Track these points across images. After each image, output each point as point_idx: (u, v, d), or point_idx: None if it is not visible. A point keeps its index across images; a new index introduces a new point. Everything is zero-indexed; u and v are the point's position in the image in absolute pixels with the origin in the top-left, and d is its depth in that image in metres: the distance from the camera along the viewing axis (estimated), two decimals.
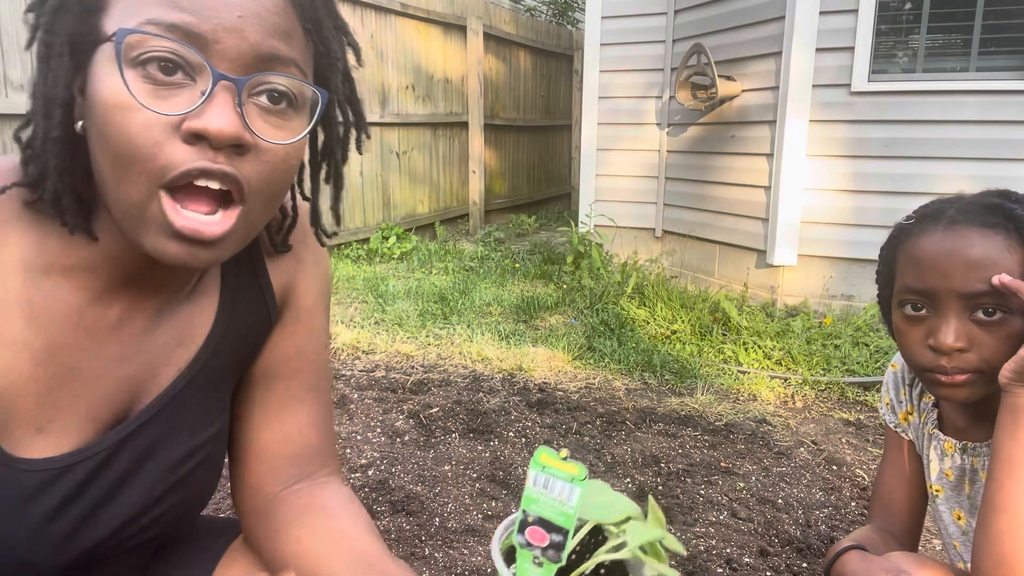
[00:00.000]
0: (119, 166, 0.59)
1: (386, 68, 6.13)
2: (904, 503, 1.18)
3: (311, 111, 0.67)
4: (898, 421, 1.19)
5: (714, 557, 1.89)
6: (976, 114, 3.80)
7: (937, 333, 0.94)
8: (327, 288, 0.91)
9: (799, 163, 4.13)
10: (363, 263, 5.57)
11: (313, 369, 0.88)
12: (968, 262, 0.92)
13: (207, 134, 0.58)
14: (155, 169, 0.59)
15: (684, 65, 4.64)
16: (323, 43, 0.66)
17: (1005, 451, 0.90)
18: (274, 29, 0.61)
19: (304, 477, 0.87)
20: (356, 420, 2.70)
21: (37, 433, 0.68)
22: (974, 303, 0.93)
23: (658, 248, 5.31)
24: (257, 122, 0.62)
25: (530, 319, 4.10)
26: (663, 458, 2.45)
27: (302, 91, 0.65)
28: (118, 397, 0.73)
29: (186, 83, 0.59)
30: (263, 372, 0.86)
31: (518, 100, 8.34)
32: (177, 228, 0.60)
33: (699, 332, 3.75)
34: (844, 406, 2.97)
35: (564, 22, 11.27)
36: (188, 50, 0.58)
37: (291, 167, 0.66)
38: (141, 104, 0.58)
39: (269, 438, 0.86)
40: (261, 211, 0.66)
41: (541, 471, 0.60)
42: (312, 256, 0.88)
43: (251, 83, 0.61)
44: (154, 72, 0.58)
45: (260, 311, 0.83)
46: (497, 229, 7.19)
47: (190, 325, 0.77)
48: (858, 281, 4.12)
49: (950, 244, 0.94)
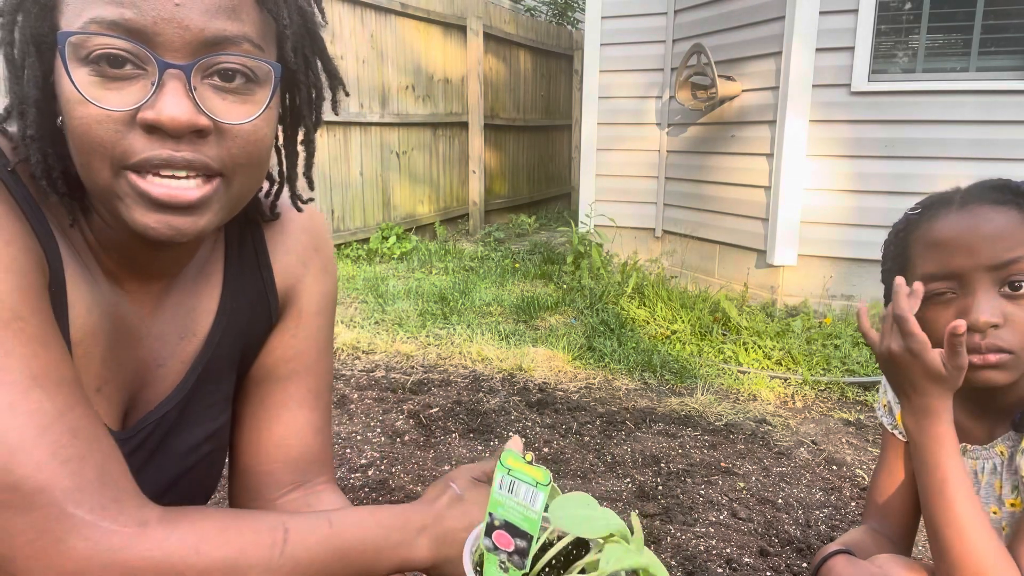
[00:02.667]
0: (83, 154, 0.62)
1: (386, 68, 6.13)
2: (899, 505, 1.18)
3: (276, 82, 0.67)
4: (895, 422, 1.19)
5: (714, 557, 1.89)
6: (976, 114, 3.80)
7: (969, 312, 0.92)
8: (333, 296, 0.92)
9: (799, 163, 4.13)
10: (363, 263, 5.57)
11: (313, 374, 0.89)
12: (991, 235, 0.91)
13: (160, 124, 0.60)
14: (116, 155, 0.61)
15: (684, 65, 4.64)
16: (275, 9, 0.66)
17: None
18: (217, 8, 0.61)
19: (300, 484, 0.87)
20: (356, 420, 2.70)
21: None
22: (1003, 275, 0.91)
23: (658, 248, 5.31)
24: (215, 103, 0.63)
25: (530, 319, 4.10)
26: (663, 458, 2.45)
27: (258, 65, 0.65)
28: (130, 381, 0.74)
29: (138, 73, 0.61)
30: (263, 373, 0.87)
31: (518, 100, 8.34)
32: (154, 196, 0.62)
33: (699, 332, 3.75)
34: (844, 406, 2.97)
35: (564, 22, 11.27)
36: (132, 44, 0.60)
37: (263, 138, 0.67)
38: (90, 101, 0.59)
39: (267, 440, 0.86)
40: (243, 183, 0.68)
41: (507, 474, 0.59)
42: (321, 263, 0.89)
43: (200, 66, 0.62)
44: (104, 67, 0.60)
45: (261, 308, 0.84)
46: (497, 229, 7.19)
47: (194, 316, 0.79)
48: (858, 281, 4.12)
49: (968, 222, 0.93)
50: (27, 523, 0.55)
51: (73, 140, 0.62)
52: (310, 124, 0.77)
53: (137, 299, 0.74)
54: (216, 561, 0.62)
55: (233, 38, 0.62)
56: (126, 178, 0.62)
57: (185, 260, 0.77)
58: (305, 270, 0.87)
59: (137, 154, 0.61)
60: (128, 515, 0.59)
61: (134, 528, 0.59)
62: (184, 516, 0.63)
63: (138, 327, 0.74)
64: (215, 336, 0.80)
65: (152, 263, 0.73)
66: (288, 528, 0.66)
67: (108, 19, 0.59)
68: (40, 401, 0.58)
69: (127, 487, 0.61)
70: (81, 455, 0.58)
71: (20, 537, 0.55)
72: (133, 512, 0.60)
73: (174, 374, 0.78)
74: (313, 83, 0.75)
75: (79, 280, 0.67)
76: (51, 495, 0.56)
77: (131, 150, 0.61)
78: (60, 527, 0.56)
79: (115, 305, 0.72)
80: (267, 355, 0.87)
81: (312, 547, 0.67)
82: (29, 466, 0.56)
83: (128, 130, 0.61)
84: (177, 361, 0.78)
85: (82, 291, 0.67)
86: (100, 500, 0.58)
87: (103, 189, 0.63)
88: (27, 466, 0.56)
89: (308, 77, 0.74)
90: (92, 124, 0.60)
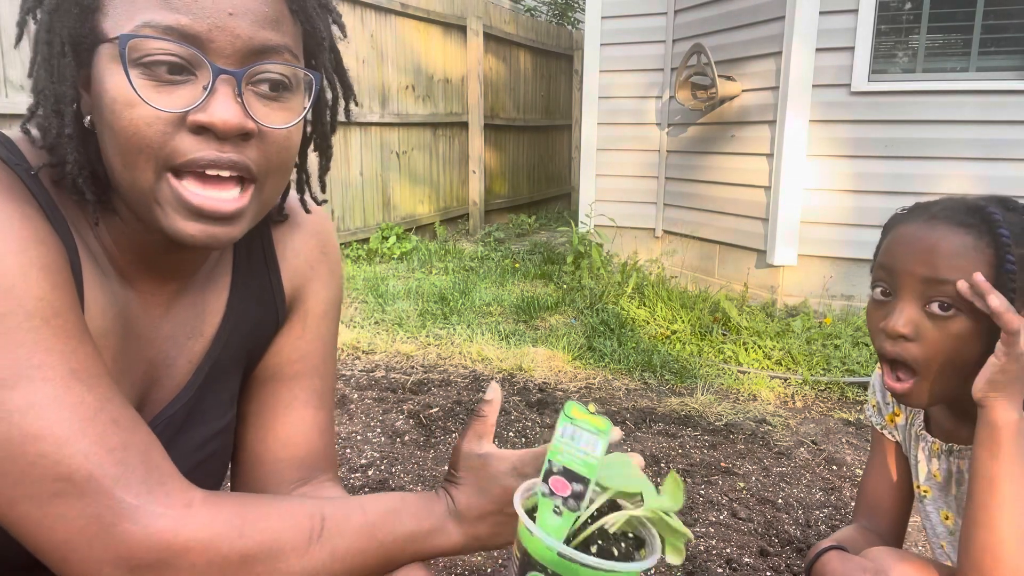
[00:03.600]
0: (128, 155, 0.63)
1: (386, 68, 6.13)
2: (889, 503, 1.19)
3: (306, 90, 0.71)
4: (884, 423, 1.20)
5: (714, 557, 1.89)
6: (976, 114, 3.79)
7: (889, 317, 0.96)
8: (339, 299, 0.93)
9: (799, 163, 4.13)
10: (363, 263, 5.57)
11: (318, 375, 0.90)
12: (932, 250, 0.94)
13: (212, 126, 0.62)
14: (162, 156, 0.63)
15: (684, 65, 4.64)
16: (309, 23, 0.70)
17: (984, 469, 0.90)
18: (264, 19, 0.64)
19: (305, 482, 0.88)
20: (356, 420, 2.70)
21: None
22: (932, 293, 0.93)
23: (658, 248, 5.31)
24: (258, 109, 0.65)
25: (530, 319, 4.10)
26: (663, 458, 2.45)
27: (296, 74, 0.68)
28: (141, 379, 0.75)
29: (188, 79, 0.63)
30: (269, 373, 0.88)
31: (518, 100, 8.34)
32: (195, 205, 0.64)
33: (699, 332, 3.75)
34: (844, 406, 2.97)
35: (564, 22, 11.27)
36: (187, 49, 0.61)
37: (294, 145, 0.70)
38: (146, 102, 0.61)
39: (272, 440, 0.87)
40: (272, 188, 0.70)
41: (570, 423, 0.62)
42: (329, 266, 0.91)
43: (248, 74, 0.64)
44: (157, 71, 0.61)
45: (268, 309, 0.85)
46: (497, 229, 7.19)
47: (202, 316, 0.80)
48: (858, 281, 4.12)
49: (924, 233, 0.96)
50: (80, 510, 0.59)
51: (118, 141, 0.63)
52: (327, 131, 0.81)
53: (150, 300, 0.75)
54: (258, 544, 0.65)
55: (277, 48, 0.65)
56: (167, 181, 0.63)
57: (200, 262, 0.78)
58: (313, 273, 0.89)
59: (184, 154, 0.63)
60: (174, 498, 0.63)
61: (180, 510, 0.62)
62: (227, 499, 0.66)
63: (149, 328, 0.75)
64: (222, 336, 0.81)
65: (169, 265, 0.75)
66: (325, 516, 0.70)
67: (163, 24, 0.60)
68: (82, 394, 0.60)
69: (170, 471, 0.64)
70: (124, 443, 0.62)
71: (74, 524, 0.59)
72: (178, 495, 0.63)
73: (182, 373, 0.79)
74: (334, 93, 0.79)
75: (95, 281, 0.69)
76: (100, 482, 0.59)
77: (178, 150, 0.63)
78: (111, 512, 0.59)
79: (127, 306, 0.73)
80: (273, 355, 0.88)
81: (348, 534, 0.70)
82: (78, 456, 0.59)
83: (175, 132, 0.62)
84: (185, 360, 0.79)
85: (97, 292, 0.69)
86: (146, 484, 0.61)
87: (143, 191, 0.64)
88: (76, 456, 0.59)
89: (334, 84, 0.78)
90: (142, 125, 0.61)
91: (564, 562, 0.58)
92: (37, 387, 0.58)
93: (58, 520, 0.58)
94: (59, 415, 0.59)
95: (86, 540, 0.59)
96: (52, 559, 0.60)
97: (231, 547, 0.63)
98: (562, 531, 0.60)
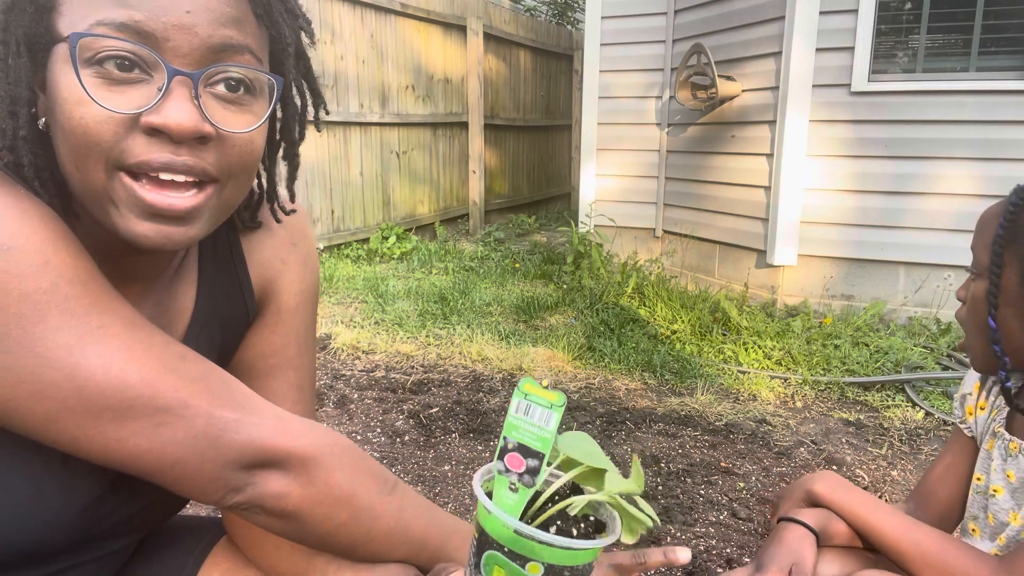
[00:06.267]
0: (79, 155, 0.61)
1: (386, 68, 6.13)
2: (946, 497, 1.19)
3: (270, 94, 0.68)
4: (964, 416, 1.19)
5: (714, 557, 1.89)
6: (976, 114, 3.79)
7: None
8: (314, 291, 0.91)
9: (799, 163, 4.13)
10: (363, 263, 5.56)
11: (294, 369, 0.89)
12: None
13: (167, 129, 0.60)
14: (113, 155, 0.61)
15: (684, 65, 4.64)
16: (274, 27, 0.67)
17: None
18: (225, 18, 0.62)
19: None
20: (356, 420, 2.70)
21: None
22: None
23: (658, 248, 5.31)
24: (217, 111, 0.63)
25: (530, 319, 4.10)
26: (663, 458, 2.45)
27: (258, 76, 0.66)
28: None
29: (143, 78, 0.61)
30: (243, 369, 0.87)
31: (518, 100, 8.34)
32: (147, 202, 0.62)
33: (699, 332, 3.75)
34: (844, 406, 2.97)
35: (564, 22, 11.28)
36: (141, 48, 0.60)
37: (257, 149, 0.68)
38: (96, 101, 0.59)
39: None
40: (234, 190, 0.68)
41: (524, 398, 0.62)
42: (300, 257, 0.89)
43: (207, 75, 0.62)
44: (110, 69, 0.60)
45: (236, 304, 0.84)
46: (497, 229, 7.19)
47: (169, 316, 0.79)
48: (858, 281, 4.12)
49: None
50: (185, 432, 0.64)
51: (69, 140, 0.61)
52: (294, 139, 0.78)
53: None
54: (343, 465, 0.73)
55: (237, 47, 0.63)
56: (120, 180, 0.62)
57: (164, 264, 0.77)
58: (283, 265, 0.87)
59: (136, 156, 0.61)
60: (265, 410, 0.70)
61: (275, 420, 0.69)
62: (320, 426, 0.75)
63: None
64: (192, 335, 0.80)
65: (133, 267, 0.74)
66: (397, 482, 0.79)
67: (117, 21, 0.59)
68: (148, 339, 0.65)
69: (248, 391, 0.70)
70: (201, 373, 0.67)
71: (183, 444, 0.64)
72: (267, 408, 0.70)
73: None
74: (301, 100, 0.76)
75: None
76: (197, 407, 0.65)
77: (130, 151, 0.61)
78: (214, 428, 0.65)
79: None
80: (246, 351, 0.87)
81: (413, 496, 0.79)
82: (168, 390, 0.64)
83: (128, 132, 0.61)
84: None
85: None
86: (237, 401, 0.68)
87: (96, 192, 0.63)
88: (167, 391, 0.63)
89: (302, 91, 0.76)
90: (91, 124, 0.60)
91: (520, 539, 0.58)
92: (106, 344, 0.61)
93: (168, 445, 0.64)
94: (135, 361, 0.62)
95: (198, 455, 0.65)
96: (167, 479, 0.65)
97: (324, 456, 0.71)
98: (518, 508, 0.60)
